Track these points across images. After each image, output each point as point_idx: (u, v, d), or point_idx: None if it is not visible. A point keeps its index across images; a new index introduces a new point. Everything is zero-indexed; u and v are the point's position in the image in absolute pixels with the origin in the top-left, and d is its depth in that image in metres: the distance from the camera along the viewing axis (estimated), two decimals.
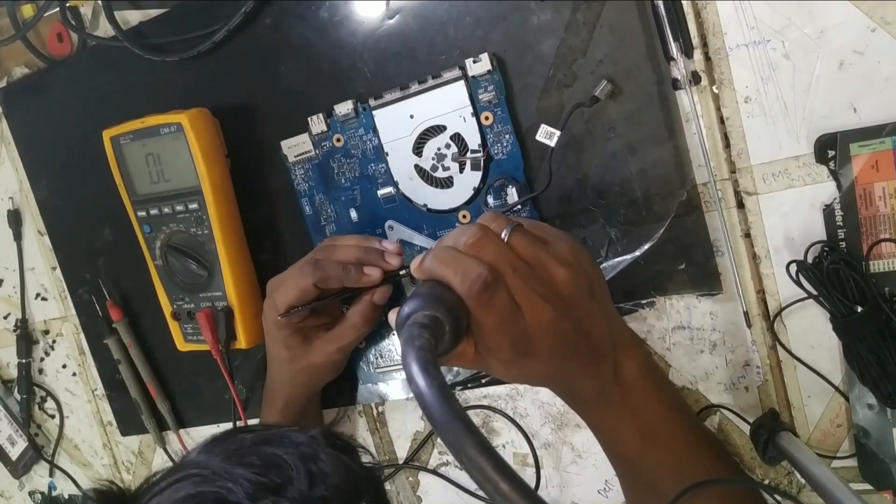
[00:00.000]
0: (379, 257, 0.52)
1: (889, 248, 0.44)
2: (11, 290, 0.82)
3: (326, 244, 0.55)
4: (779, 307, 0.48)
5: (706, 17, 0.46)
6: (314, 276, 0.51)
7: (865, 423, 0.47)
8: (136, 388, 0.72)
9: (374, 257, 0.52)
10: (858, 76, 0.43)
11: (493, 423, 0.59)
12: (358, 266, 0.51)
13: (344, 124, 0.56)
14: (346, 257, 0.52)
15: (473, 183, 0.53)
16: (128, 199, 0.63)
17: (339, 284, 0.52)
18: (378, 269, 0.51)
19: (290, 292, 0.52)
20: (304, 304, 0.52)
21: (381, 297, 0.54)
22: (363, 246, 0.53)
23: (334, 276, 0.51)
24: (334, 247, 0.53)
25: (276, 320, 0.53)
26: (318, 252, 0.54)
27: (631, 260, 0.50)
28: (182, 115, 0.58)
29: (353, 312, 0.54)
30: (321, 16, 0.56)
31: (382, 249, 0.53)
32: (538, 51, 0.50)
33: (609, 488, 0.56)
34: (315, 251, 0.54)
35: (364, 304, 0.53)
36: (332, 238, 0.56)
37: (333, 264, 0.52)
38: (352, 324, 0.54)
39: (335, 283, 0.52)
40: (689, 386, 0.51)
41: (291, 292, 0.52)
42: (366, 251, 0.52)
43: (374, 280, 0.51)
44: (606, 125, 0.49)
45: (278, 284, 0.54)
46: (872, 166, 0.43)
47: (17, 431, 0.84)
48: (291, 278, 0.53)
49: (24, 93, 0.73)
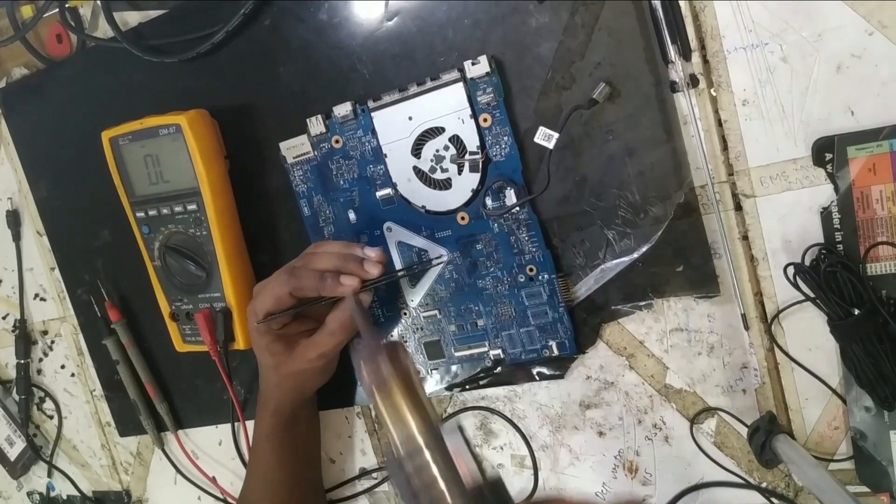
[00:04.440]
0: (358, 266, 0.51)
1: (886, 251, 0.44)
2: (10, 291, 0.82)
3: (309, 251, 0.54)
4: (776, 310, 0.48)
5: (704, 20, 0.46)
6: (289, 285, 0.51)
7: (863, 425, 0.47)
8: (135, 389, 0.72)
9: (352, 266, 0.51)
10: (856, 79, 0.43)
11: (492, 424, 0.59)
12: (335, 275, 0.50)
13: (343, 126, 0.56)
14: (324, 265, 0.51)
15: (472, 185, 0.53)
16: (126, 200, 0.63)
17: (315, 293, 0.51)
18: (355, 278, 0.50)
19: (266, 300, 0.52)
20: (281, 311, 0.52)
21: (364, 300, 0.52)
22: (343, 253, 0.52)
23: (310, 286, 0.51)
24: (314, 254, 0.53)
25: (256, 327, 0.53)
26: (298, 259, 0.53)
27: (629, 262, 0.50)
28: (181, 117, 0.58)
29: (330, 319, 0.53)
30: (320, 17, 0.56)
31: (363, 257, 0.52)
32: (536, 53, 0.50)
33: (607, 491, 0.56)
34: (297, 258, 0.54)
35: (341, 312, 0.52)
36: (315, 245, 0.55)
37: (310, 273, 0.51)
38: (330, 331, 0.53)
39: (311, 292, 0.51)
40: (686, 388, 0.51)
41: (268, 300, 0.52)
42: (345, 259, 0.51)
43: (349, 290, 0.50)
44: (604, 127, 0.49)
45: (259, 291, 0.54)
46: (870, 169, 0.43)
47: (15, 432, 0.84)
48: (269, 286, 0.52)
49: (24, 93, 0.73)
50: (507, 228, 0.53)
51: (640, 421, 0.53)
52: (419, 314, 0.58)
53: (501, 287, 0.54)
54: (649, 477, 0.54)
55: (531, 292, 0.54)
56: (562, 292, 0.52)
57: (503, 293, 0.55)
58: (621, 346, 0.53)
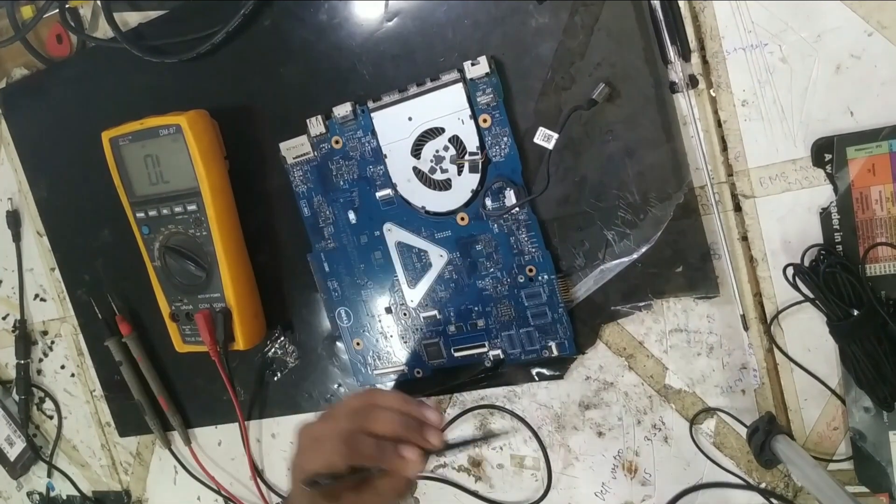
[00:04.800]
0: (419, 435, 0.47)
1: (885, 251, 0.44)
2: (10, 291, 0.82)
3: (365, 400, 0.49)
4: (775, 310, 0.48)
5: (704, 21, 0.46)
6: (345, 457, 0.45)
7: (862, 426, 0.47)
8: (139, 389, 0.72)
9: (414, 435, 0.47)
10: (855, 80, 0.43)
11: (491, 425, 0.59)
12: (395, 446, 0.46)
13: (342, 126, 0.56)
14: (383, 430, 0.46)
15: (472, 185, 0.53)
16: (126, 201, 0.63)
17: (372, 463, 0.46)
18: (417, 451, 0.46)
19: (317, 463, 0.46)
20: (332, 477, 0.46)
21: (415, 471, 0.47)
22: (404, 413, 0.47)
23: (368, 456, 0.46)
24: (373, 411, 0.47)
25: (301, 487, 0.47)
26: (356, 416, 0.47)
27: (628, 262, 0.50)
28: (181, 117, 0.58)
29: (383, 483, 0.47)
30: (320, 18, 0.56)
31: (424, 419, 0.48)
32: (536, 53, 0.50)
33: (606, 491, 0.56)
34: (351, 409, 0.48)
35: (397, 480, 0.47)
36: (371, 392, 0.50)
37: (368, 443, 0.46)
38: (381, 492, 0.47)
39: (369, 462, 0.46)
40: (686, 388, 0.51)
41: (319, 464, 0.46)
42: (406, 425, 0.47)
43: (411, 465, 0.46)
44: (604, 128, 0.49)
45: (308, 445, 0.48)
46: (869, 170, 0.43)
47: (15, 432, 0.84)
48: (322, 447, 0.46)
49: (24, 94, 0.73)
50: (506, 229, 0.53)
51: (640, 421, 0.53)
52: (419, 314, 0.58)
53: (501, 287, 0.54)
54: (648, 477, 0.54)
55: (531, 293, 0.54)
56: (561, 293, 0.52)
57: (503, 294, 0.55)
58: (621, 346, 0.53)
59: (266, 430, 0.69)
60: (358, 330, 0.61)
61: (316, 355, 0.64)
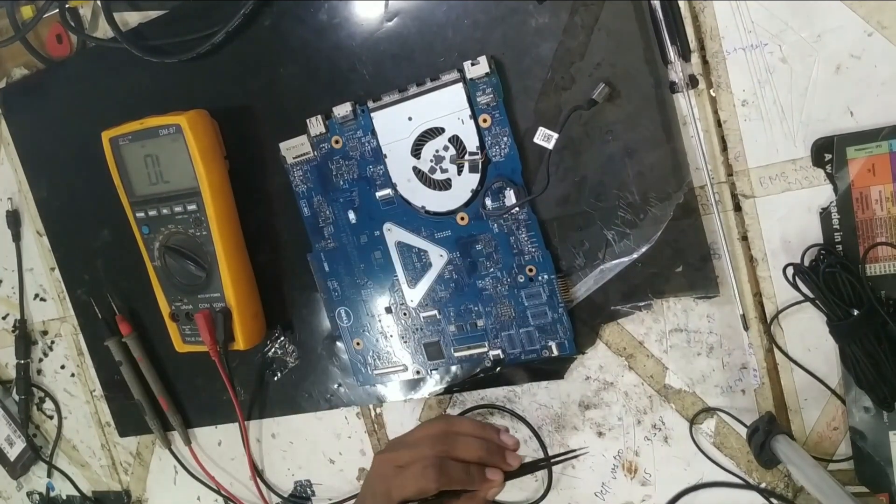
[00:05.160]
0: (500, 458, 0.51)
1: (885, 251, 0.44)
2: (10, 291, 0.82)
3: (443, 428, 0.53)
4: (775, 310, 0.48)
5: (703, 21, 0.46)
6: (438, 482, 0.49)
7: (862, 426, 0.47)
8: (139, 389, 0.72)
9: (495, 458, 0.51)
10: (855, 80, 0.43)
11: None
12: (480, 469, 0.51)
13: (342, 126, 0.56)
14: (468, 455, 0.51)
15: (471, 185, 0.53)
16: (126, 201, 0.63)
17: (462, 487, 0.50)
18: (500, 472, 0.51)
19: (408, 490, 0.50)
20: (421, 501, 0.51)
21: (494, 493, 0.52)
22: (484, 439, 0.52)
23: (458, 480, 0.50)
24: (456, 440, 0.51)
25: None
26: (437, 443, 0.51)
27: (628, 262, 0.50)
28: (181, 117, 0.58)
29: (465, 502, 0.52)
30: (320, 18, 0.56)
31: (501, 444, 0.52)
32: (536, 53, 0.50)
33: (605, 491, 0.56)
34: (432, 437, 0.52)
35: (477, 501, 0.51)
36: (446, 420, 0.54)
37: (458, 468, 0.50)
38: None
39: (458, 486, 0.50)
40: (686, 388, 0.51)
41: (411, 490, 0.50)
42: (488, 449, 0.51)
43: (496, 486, 0.51)
44: (604, 128, 0.49)
45: (394, 473, 0.51)
46: (869, 170, 0.43)
47: (15, 432, 0.84)
48: (412, 475, 0.50)
49: (24, 94, 0.73)
50: (506, 229, 0.53)
51: (640, 421, 0.53)
52: (419, 314, 0.58)
53: (501, 287, 0.54)
54: (648, 477, 0.54)
55: (531, 293, 0.54)
56: (561, 293, 0.53)
57: (503, 293, 0.55)
58: (621, 346, 0.53)
59: (266, 430, 0.69)
60: (358, 330, 0.61)
61: (316, 355, 0.64)
